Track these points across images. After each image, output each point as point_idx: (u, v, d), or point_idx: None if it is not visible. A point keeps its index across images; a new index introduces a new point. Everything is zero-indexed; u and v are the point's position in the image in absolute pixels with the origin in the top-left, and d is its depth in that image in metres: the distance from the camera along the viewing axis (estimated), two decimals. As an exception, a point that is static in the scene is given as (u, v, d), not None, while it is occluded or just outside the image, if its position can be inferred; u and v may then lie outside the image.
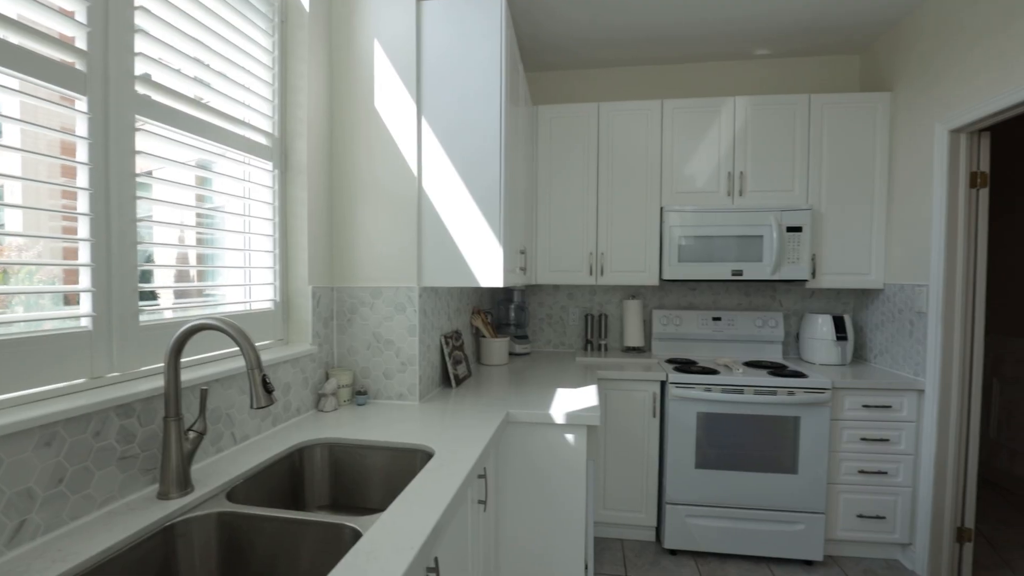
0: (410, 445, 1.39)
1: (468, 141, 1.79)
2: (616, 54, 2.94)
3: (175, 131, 1.24)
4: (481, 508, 1.47)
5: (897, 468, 2.37)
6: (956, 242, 2.21)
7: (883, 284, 2.62)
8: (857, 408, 2.37)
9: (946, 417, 2.25)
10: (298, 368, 1.61)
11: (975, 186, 2.20)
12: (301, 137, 1.68)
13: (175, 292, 1.39)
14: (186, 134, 1.27)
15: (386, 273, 1.82)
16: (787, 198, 2.65)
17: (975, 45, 2.07)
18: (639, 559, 2.44)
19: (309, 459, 1.41)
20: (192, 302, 1.39)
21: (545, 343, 3.19)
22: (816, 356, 2.71)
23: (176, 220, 1.40)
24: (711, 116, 2.69)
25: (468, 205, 1.79)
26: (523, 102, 2.35)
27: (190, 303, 1.37)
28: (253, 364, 1.01)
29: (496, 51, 1.77)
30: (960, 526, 2.28)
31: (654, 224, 2.75)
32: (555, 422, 1.67)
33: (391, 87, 1.80)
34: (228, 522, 1.04)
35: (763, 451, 2.37)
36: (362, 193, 1.83)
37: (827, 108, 2.62)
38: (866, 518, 2.39)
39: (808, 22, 2.56)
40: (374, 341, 1.83)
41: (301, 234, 1.68)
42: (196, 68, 1.31)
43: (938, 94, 2.27)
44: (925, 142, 2.34)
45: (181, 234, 1.41)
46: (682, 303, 3.07)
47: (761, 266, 2.58)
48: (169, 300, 1.34)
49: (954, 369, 2.24)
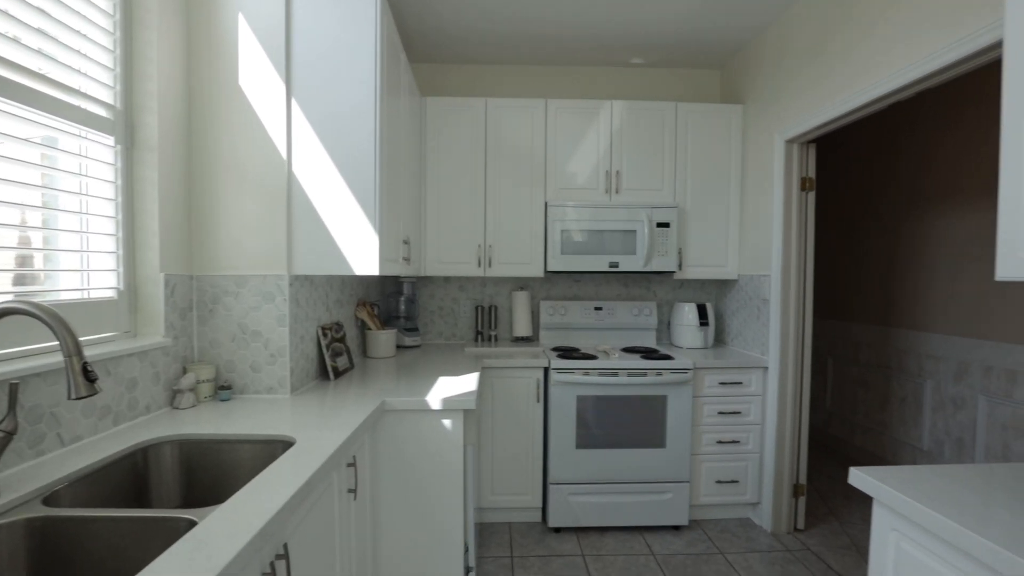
0: (271, 437, 1.34)
1: (342, 126, 1.75)
2: (504, 52, 3.01)
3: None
4: (351, 497, 1.45)
5: (748, 437, 2.68)
6: (791, 237, 2.55)
7: (737, 275, 2.96)
8: (715, 386, 2.64)
9: (784, 390, 2.59)
10: (147, 362, 1.48)
11: (804, 189, 2.55)
12: (151, 112, 1.54)
13: (14, 278, 1.22)
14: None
15: (253, 261, 1.72)
16: (657, 196, 2.89)
17: (803, 69, 2.40)
18: (525, 539, 2.54)
19: (156, 458, 1.31)
20: (31, 289, 1.23)
21: (437, 335, 3.20)
22: (683, 341, 2.99)
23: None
24: (591, 117, 2.86)
25: (342, 191, 1.75)
26: (407, 91, 2.34)
27: (29, 290, 1.21)
28: (71, 351, 0.92)
29: (371, 36, 1.75)
30: (796, 483, 2.64)
31: (539, 218, 2.87)
32: (431, 408, 1.69)
33: (258, 65, 1.71)
34: (42, 528, 0.94)
35: (635, 429, 2.57)
36: (226, 176, 1.72)
37: (691, 116, 2.89)
38: (723, 483, 2.68)
39: (671, 37, 2.81)
40: (240, 333, 1.73)
41: (151, 217, 1.54)
42: (6, 22, 1.16)
43: (776, 109, 2.60)
44: (767, 150, 2.67)
45: (23, 215, 1.24)
46: (567, 294, 3.23)
47: (635, 258, 2.79)
48: (7, 285, 1.18)
49: (790, 348, 2.58)
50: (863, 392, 3.56)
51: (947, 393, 2.89)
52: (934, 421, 2.97)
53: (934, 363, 2.98)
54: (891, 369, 3.30)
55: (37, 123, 1.24)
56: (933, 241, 3.04)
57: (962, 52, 1.57)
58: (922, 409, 3.05)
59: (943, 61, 1.63)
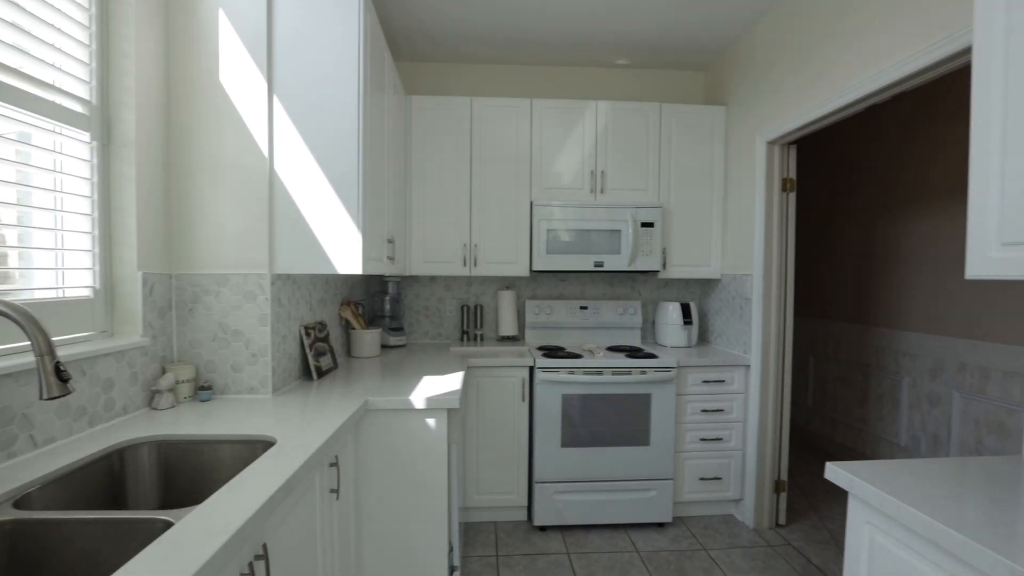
0: (251, 437, 1.32)
1: (325, 124, 1.74)
2: (489, 51, 3.02)
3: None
4: (334, 497, 1.44)
5: (730, 434, 2.71)
6: (772, 237, 2.59)
7: (720, 274, 2.99)
8: (699, 384, 2.67)
9: (766, 388, 2.63)
10: (124, 362, 1.46)
11: (786, 190, 2.59)
12: (128, 108, 1.52)
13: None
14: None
15: (234, 259, 1.70)
16: (642, 196, 2.91)
17: (784, 72, 2.43)
18: (510, 538, 2.54)
19: (132, 460, 1.29)
20: (4, 288, 1.20)
21: (422, 335, 3.19)
22: (668, 339, 3.02)
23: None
24: (576, 117, 2.87)
25: (324, 190, 1.74)
26: (391, 90, 2.33)
27: (2, 289, 1.19)
28: (43, 350, 0.90)
29: (354, 33, 1.74)
30: (777, 479, 2.68)
31: (524, 217, 2.87)
32: (415, 407, 1.69)
33: (239, 62, 1.69)
34: (12, 532, 0.92)
35: (620, 427, 2.59)
36: (206, 173, 1.69)
37: (675, 117, 2.92)
38: (707, 480, 2.72)
39: (655, 40, 2.84)
40: (220, 332, 1.70)
41: (128, 215, 1.52)
42: (-23, 16, 1.13)
43: (758, 111, 2.64)
44: (749, 151, 2.71)
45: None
46: (553, 293, 3.24)
47: (619, 258, 2.81)
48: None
49: (772, 347, 2.62)
50: (843, 389, 3.63)
51: (923, 390, 2.96)
52: (911, 417, 3.04)
53: (911, 360, 3.04)
54: (870, 367, 3.37)
55: (10, 119, 1.22)
56: (905, 241, 3.10)
57: (933, 57, 1.61)
58: (899, 406, 3.11)
59: (916, 65, 1.67)
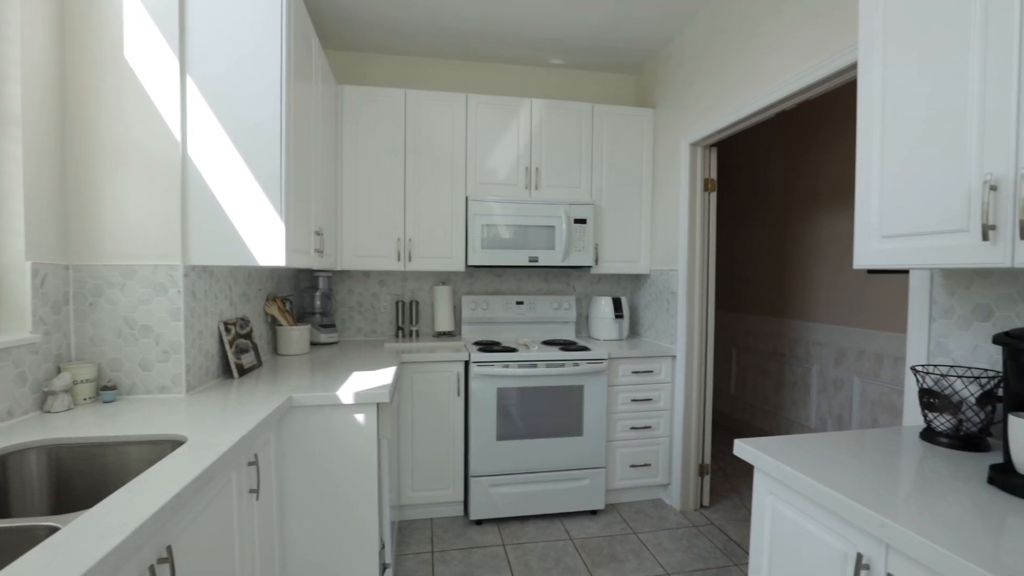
0: (159, 437, 1.24)
1: (244, 108, 1.66)
2: (424, 44, 2.98)
3: None
4: (253, 497, 1.38)
5: (658, 422, 2.83)
6: (695, 234, 2.73)
7: (649, 270, 3.12)
8: (628, 375, 2.78)
9: (691, 377, 2.77)
10: (9, 361, 1.32)
11: (707, 190, 2.74)
12: (13, 81, 1.38)
13: None
14: None
15: (142, 249, 1.59)
16: (575, 193, 2.98)
17: (705, 77, 2.57)
18: (446, 534, 2.53)
19: (17, 467, 1.17)
20: None
21: (356, 332, 3.11)
22: (600, 333, 3.11)
23: None
24: (511, 114, 2.90)
25: (244, 177, 1.66)
26: (320, 77, 2.25)
27: None
28: (-101, 344, 0.80)
29: (276, 12, 1.67)
30: (701, 463, 2.83)
31: (460, 212, 2.86)
32: (343, 402, 1.65)
33: (147, 37, 1.58)
34: None
35: (554, 419, 2.64)
36: (109, 155, 1.57)
37: (607, 117, 3.01)
38: (637, 467, 2.82)
39: (586, 40, 2.92)
40: (127, 328, 1.58)
41: (14, 198, 1.38)
42: None
43: (682, 114, 2.77)
44: (675, 152, 2.84)
45: None
46: (489, 289, 3.25)
47: (553, 253, 2.86)
48: None
49: (695, 338, 2.76)
50: (762, 378, 3.88)
51: (829, 376, 3.22)
52: (819, 401, 3.30)
53: (819, 349, 3.31)
54: (785, 356, 3.63)
55: None
56: (809, 239, 3.37)
57: (829, 70, 1.76)
58: (810, 391, 3.38)
59: (815, 77, 1.82)
